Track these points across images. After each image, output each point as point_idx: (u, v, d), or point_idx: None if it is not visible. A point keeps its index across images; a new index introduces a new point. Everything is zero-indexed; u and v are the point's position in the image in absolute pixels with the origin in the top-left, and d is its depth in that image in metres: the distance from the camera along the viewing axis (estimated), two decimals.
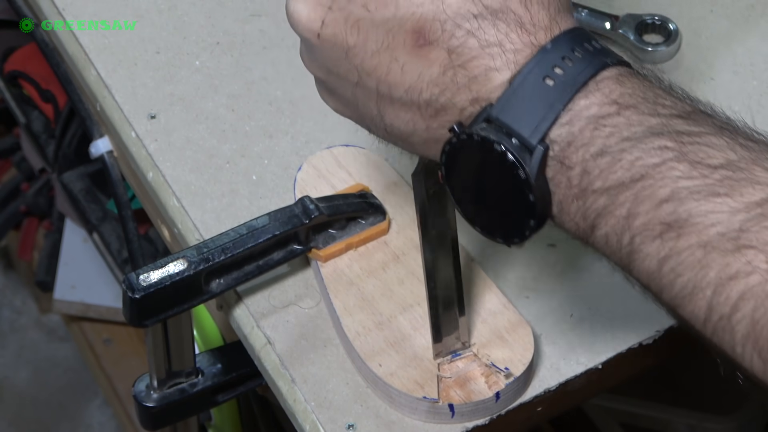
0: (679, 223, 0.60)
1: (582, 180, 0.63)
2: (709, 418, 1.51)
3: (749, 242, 0.58)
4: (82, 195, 1.62)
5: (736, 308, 0.58)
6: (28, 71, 1.65)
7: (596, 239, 0.64)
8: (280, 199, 0.92)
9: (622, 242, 0.62)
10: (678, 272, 0.60)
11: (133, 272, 0.79)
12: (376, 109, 0.69)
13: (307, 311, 0.86)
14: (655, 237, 0.61)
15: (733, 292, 0.58)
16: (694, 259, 0.60)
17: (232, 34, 1.03)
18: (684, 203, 0.60)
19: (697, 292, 0.60)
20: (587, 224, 0.64)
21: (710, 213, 0.59)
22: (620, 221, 0.62)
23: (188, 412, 0.91)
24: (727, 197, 0.59)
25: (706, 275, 0.59)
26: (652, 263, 0.62)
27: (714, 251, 0.59)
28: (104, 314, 1.86)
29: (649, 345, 0.86)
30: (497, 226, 0.68)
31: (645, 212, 0.61)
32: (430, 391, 0.80)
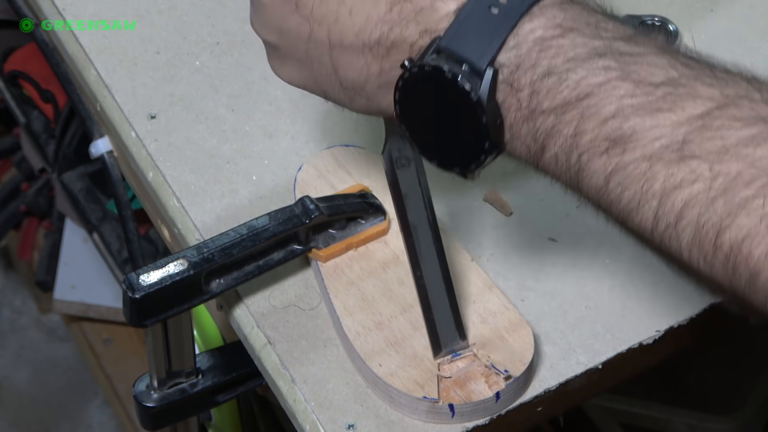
0: (623, 139, 0.62)
1: (531, 101, 0.65)
2: (709, 418, 1.51)
3: (692, 152, 0.60)
4: (82, 195, 1.62)
5: (681, 216, 0.61)
6: (28, 71, 1.65)
7: (546, 161, 0.67)
8: (280, 199, 0.92)
9: (571, 161, 0.65)
10: (624, 186, 0.63)
11: (133, 272, 0.79)
12: (329, 63, 0.71)
13: (307, 311, 0.86)
14: (601, 153, 0.63)
15: (678, 200, 0.61)
16: (639, 172, 0.62)
17: (232, 34, 1.04)
18: (628, 119, 0.62)
19: (643, 203, 0.62)
20: (537, 146, 0.66)
21: (654, 128, 0.61)
22: (568, 140, 0.64)
23: (188, 412, 0.91)
24: (670, 112, 0.61)
25: (651, 187, 0.62)
26: (599, 179, 0.64)
27: (658, 163, 0.61)
28: (104, 314, 1.86)
29: (649, 345, 0.86)
30: (455, 157, 0.70)
31: (591, 129, 0.63)
32: (430, 391, 0.80)
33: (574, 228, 0.92)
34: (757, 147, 0.59)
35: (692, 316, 0.87)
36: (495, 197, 0.93)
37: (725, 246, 0.60)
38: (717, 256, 0.61)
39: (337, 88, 0.73)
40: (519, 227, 0.92)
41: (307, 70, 0.74)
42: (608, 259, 0.90)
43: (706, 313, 0.88)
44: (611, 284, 0.89)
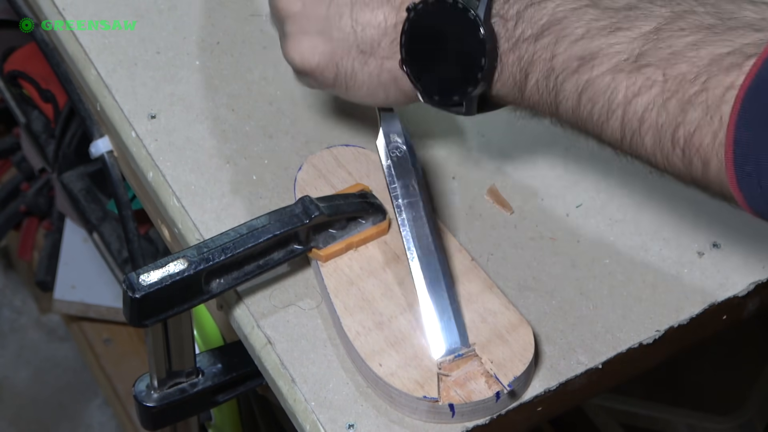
0: (591, 56, 0.71)
1: (515, 30, 0.75)
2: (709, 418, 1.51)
3: (647, 62, 0.69)
4: (82, 195, 1.62)
5: (642, 120, 0.69)
6: (28, 71, 1.65)
7: (529, 91, 0.75)
8: (280, 199, 0.92)
9: (549, 85, 0.74)
10: (594, 100, 0.71)
11: (133, 272, 0.79)
12: (349, 24, 0.81)
13: (307, 311, 0.86)
14: (573, 72, 0.72)
15: (639, 106, 0.69)
16: (605, 84, 0.70)
17: (232, 34, 1.04)
18: (594, 39, 0.71)
19: (610, 114, 0.71)
20: (522, 75, 0.75)
21: (615, 44, 0.70)
22: (546, 64, 0.73)
23: (188, 412, 0.91)
24: (628, 30, 0.70)
25: (615, 97, 0.70)
26: (573, 98, 0.72)
27: (620, 74, 0.70)
28: (104, 314, 1.86)
29: (649, 345, 0.86)
30: (453, 84, 0.79)
31: (564, 50, 0.72)
32: (431, 391, 0.80)
33: (574, 228, 0.92)
34: (699, 49, 0.67)
35: (692, 316, 0.87)
36: (495, 196, 0.93)
37: (681, 141, 0.67)
38: (675, 152, 0.68)
39: (353, 54, 0.82)
40: (519, 227, 0.92)
41: (324, 41, 0.82)
42: (608, 259, 0.90)
43: (706, 313, 0.88)
44: (611, 284, 0.89)
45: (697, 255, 0.91)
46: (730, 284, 0.89)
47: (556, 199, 0.94)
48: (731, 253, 0.91)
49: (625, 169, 0.96)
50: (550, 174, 0.95)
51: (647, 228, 0.92)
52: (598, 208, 0.93)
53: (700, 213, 0.93)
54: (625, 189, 0.94)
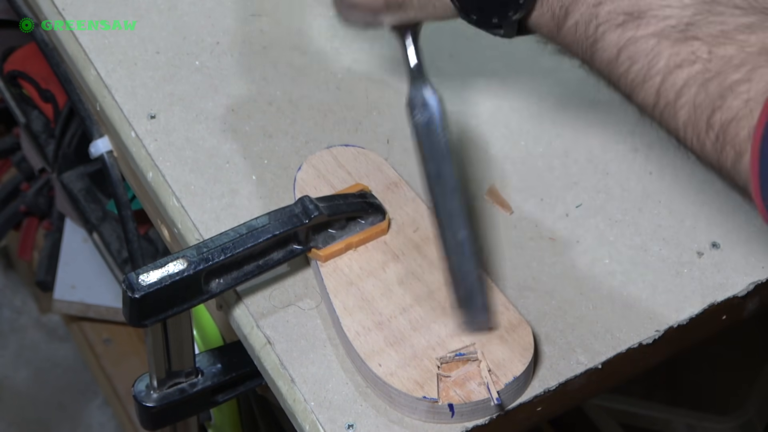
0: (638, 14, 0.68)
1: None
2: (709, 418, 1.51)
3: (695, 34, 0.66)
4: (82, 195, 1.62)
5: (680, 94, 0.66)
6: (28, 71, 1.65)
7: (566, 30, 0.72)
8: (280, 199, 0.92)
9: (588, 31, 0.71)
10: (633, 60, 0.68)
11: (133, 272, 0.79)
12: None
13: (307, 311, 0.86)
14: (617, 26, 0.69)
15: (678, 79, 0.66)
16: (648, 47, 0.68)
17: (232, 34, 1.04)
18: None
19: (647, 79, 0.68)
20: (561, 12, 0.72)
21: (665, 6, 0.67)
22: (590, 9, 0.70)
23: (188, 412, 0.91)
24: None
25: (656, 63, 0.67)
26: (612, 52, 0.69)
27: (665, 40, 0.67)
28: (104, 314, 1.86)
29: (649, 345, 0.86)
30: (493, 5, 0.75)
31: (612, 0, 0.69)
32: (430, 391, 0.80)
33: (574, 228, 0.92)
34: (751, 34, 0.64)
35: (692, 316, 0.87)
36: (495, 196, 0.93)
37: (716, 126, 0.65)
38: (708, 135, 0.65)
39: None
40: (519, 227, 0.92)
41: None
42: (608, 259, 0.90)
43: (706, 313, 0.88)
44: (611, 284, 0.89)
45: (697, 255, 0.91)
46: (730, 284, 0.89)
47: (556, 199, 0.94)
48: (731, 253, 0.91)
49: (625, 169, 0.96)
50: (549, 174, 0.95)
51: (647, 228, 0.92)
52: (598, 208, 0.93)
53: (700, 213, 0.93)
54: (624, 189, 0.94)
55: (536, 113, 0.99)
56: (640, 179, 0.95)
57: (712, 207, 0.93)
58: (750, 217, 0.93)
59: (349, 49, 1.03)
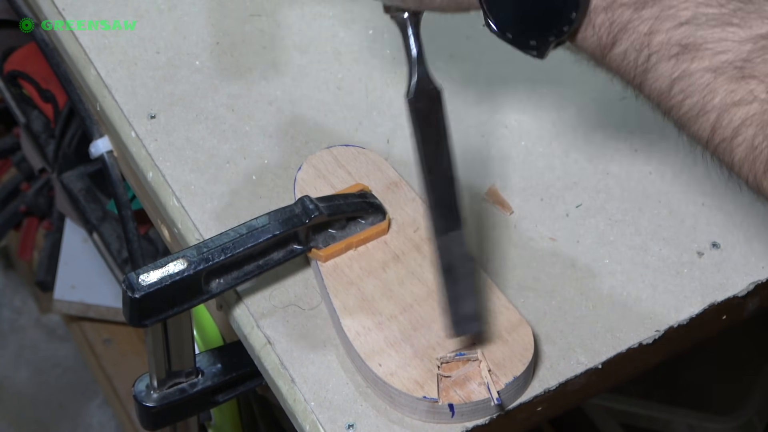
0: (694, 46, 0.66)
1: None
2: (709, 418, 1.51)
3: (752, 73, 0.64)
4: (82, 195, 1.62)
5: (737, 133, 0.65)
6: (28, 71, 1.65)
7: (614, 56, 0.69)
8: (280, 199, 0.92)
9: (639, 60, 0.68)
10: (687, 93, 0.66)
11: (133, 272, 0.79)
12: None
13: (307, 311, 0.86)
14: (670, 57, 0.67)
15: (736, 117, 0.65)
16: (703, 83, 0.66)
17: (232, 34, 1.04)
18: (701, 28, 0.66)
19: (702, 114, 0.66)
20: (609, 38, 0.69)
21: (722, 40, 0.65)
22: (641, 37, 0.67)
23: (188, 412, 0.91)
24: (738, 27, 0.65)
25: (712, 99, 0.65)
26: (664, 83, 0.67)
27: (721, 77, 0.65)
28: (104, 314, 1.86)
29: (649, 345, 0.86)
30: (532, 28, 0.72)
31: (665, 30, 0.67)
32: (430, 391, 0.80)
33: (574, 228, 0.92)
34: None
35: (692, 316, 0.87)
36: (495, 196, 0.93)
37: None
38: (766, 176, 0.64)
39: None
40: (519, 227, 0.92)
41: None
42: (608, 259, 0.90)
43: (706, 313, 0.88)
44: (611, 284, 0.89)
45: (697, 255, 0.91)
46: (730, 284, 0.89)
47: (556, 199, 0.94)
48: (731, 253, 0.91)
49: (624, 169, 0.96)
50: (550, 174, 0.95)
51: (647, 228, 0.92)
52: (598, 208, 0.93)
53: (700, 213, 0.93)
54: (624, 189, 0.94)
55: (536, 113, 0.99)
56: (640, 179, 0.95)
57: (712, 207, 0.93)
58: (750, 217, 0.93)
59: (349, 49, 1.03)
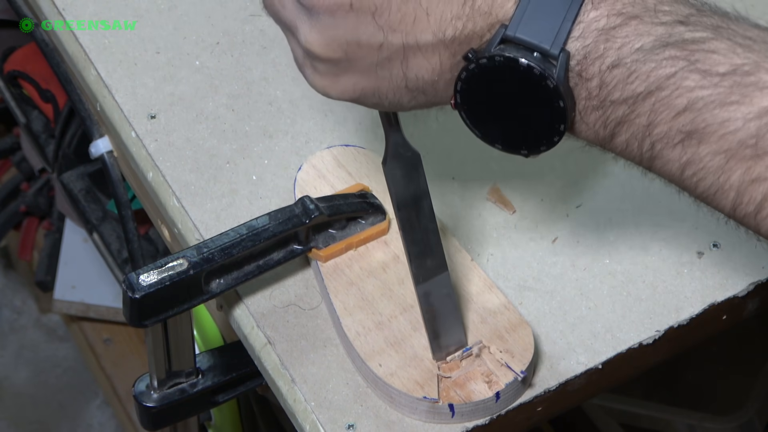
0: (698, 132, 0.64)
1: (600, 91, 0.66)
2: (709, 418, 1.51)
3: (765, 149, 0.62)
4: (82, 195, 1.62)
5: (760, 208, 0.64)
6: (28, 71, 1.65)
7: (616, 146, 0.68)
8: (280, 199, 0.92)
9: (643, 148, 0.67)
10: (700, 177, 0.65)
11: (133, 272, 0.79)
12: (400, 68, 0.71)
13: (307, 311, 0.86)
14: (675, 144, 0.65)
15: (756, 194, 0.63)
16: (716, 165, 0.64)
17: (232, 34, 1.03)
18: (701, 113, 0.64)
19: (720, 193, 0.65)
20: (607, 133, 0.68)
21: (726, 121, 0.63)
22: (640, 129, 0.66)
23: (188, 412, 0.91)
24: (740, 105, 0.63)
25: (728, 179, 0.64)
26: (674, 167, 0.66)
27: (734, 158, 0.63)
28: (104, 314, 1.86)
29: (649, 345, 0.86)
30: (521, 140, 0.71)
31: (664, 121, 0.65)
32: (430, 391, 0.80)
33: (574, 228, 0.92)
34: None
35: (692, 316, 0.87)
36: (498, 195, 0.93)
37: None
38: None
39: (401, 91, 0.72)
40: (519, 227, 0.92)
41: (368, 80, 0.72)
42: (608, 259, 0.90)
43: (706, 313, 0.88)
44: (611, 284, 0.89)
45: (697, 255, 0.91)
46: (730, 284, 0.89)
47: (556, 199, 0.94)
48: (731, 253, 0.91)
49: (624, 169, 0.96)
50: (550, 174, 0.95)
51: (647, 228, 0.92)
52: (598, 208, 0.93)
53: (700, 213, 0.93)
54: (625, 189, 0.94)
55: None
56: (640, 179, 0.95)
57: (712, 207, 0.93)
58: None
59: None
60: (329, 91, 0.74)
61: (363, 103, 0.74)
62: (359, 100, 0.74)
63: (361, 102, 0.74)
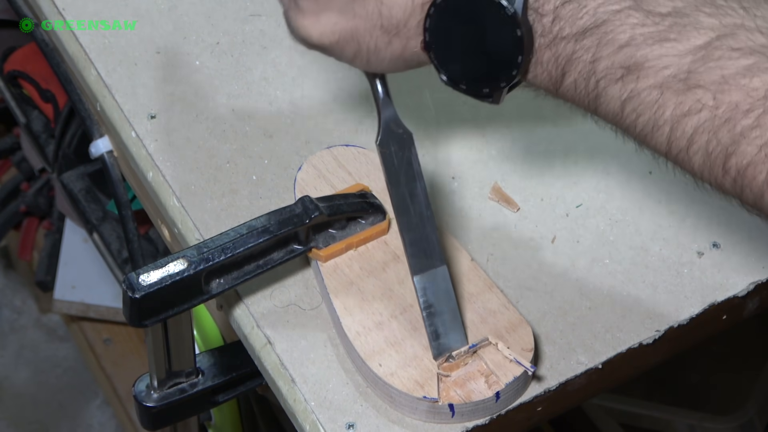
0: (636, 67, 0.68)
1: (553, 27, 0.71)
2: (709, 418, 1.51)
3: (696, 82, 0.66)
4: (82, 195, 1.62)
5: (691, 141, 0.67)
6: (28, 71, 1.65)
7: (566, 88, 0.72)
8: (280, 199, 0.92)
9: (589, 87, 0.70)
10: (638, 112, 0.69)
11: (133, 272, 0.79)
12: (375, 3, 0.75)
13: (307, 311, 0.86)
14: (617, 80, 0.69)
15: (688, 127, 0.67)
16: (652, 99, 0.68)
17: (232, 34, 1.04)
18: (640, 48, 0.68)
19: (656, 129, 0.68)
20: (558, 72, 0.72)
21: (663, 56, 0.67)
22: (586, 66, 0.70)
23: (188, 412, 0.91)
24: (676, 42, 0.67)
25: (662, 114, 0.68)
26: (616, 105, 0.70)
27: (668, 91, 0.67)
28: (104, 314, 1.86)
29: (649, 345, 0.86)
30: (483, 76, 0.75)
31: (607, 56, 0.69)
32: (430, 391, 0.80)
33: (574, 228, 0.92)
34: (753, 77, 0.64)
35: (692, 316, 0.87)
36: (500, 194, 0.93)
37: (732, 170, 0.65)
38: (726, 178, 0.66)
39: (376, 33, 0.77)
40: (519, 227, 0.92)
41: (346, 18, 0.77)
42: (608, 259, 0.90)
43: (706, 313, 0.88)
44: (611, 284, 0.89)
45: (697, 255, 0.91)
46: (730, 284, 0.89)
47: (556, 199, 0.94)
48: (731, 253, 0.91)
49: (625, 169, 0.96)
50: (549, 174, 0.95)
51: (647, 228, 0.92)
52: (598, 208, 0.93)
53: (700, 213, 0.93)
54: (625, 189, 0.94)
55: (537, 113, 0.99)
56: (640, 179, 0.95)
57: (712, 207, 0.93)
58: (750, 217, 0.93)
59: None
60: (311, 31, 0.78)
61: (342, 52, 0.78)
62: (339, 44, 0.78)
63: (341, 49, 0.78)
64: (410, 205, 0.81)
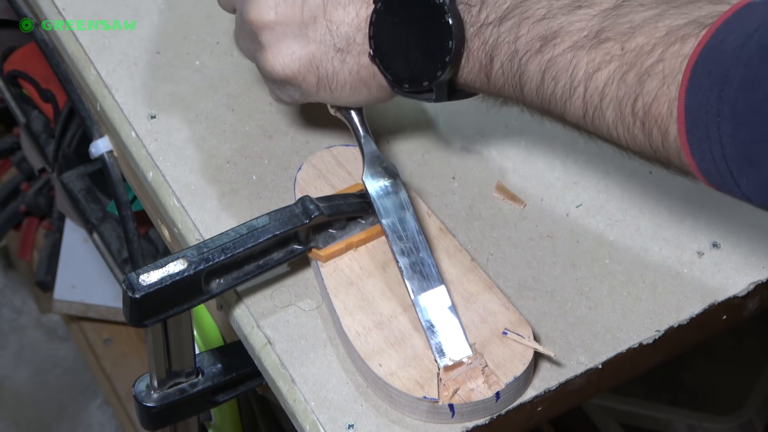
0: (552, 35, 0.72)
1: (480, 15, 0.76)
2: (709, 418, 1.51)
3: (606, 37, 0.70)
4: (82, 195, 1.62)
5: (603, 95, 0.70)
6: (28, 71, 1.65)
7: (495, 76, 0.76)
8: (280, 199, 0.92)
9: (513, 68, 0.74)
10: (557, 78, 0.72)
11: (133, 272, 0.79)
12: (323, 21, 0.82)
13: (307, 311, 0.86)
14: (536, 52, 0.73)
15: (599, 81, 0.70)
16: (566, 62, 0.71)
17: (232, 34, 1.03)
18: (556, 18, 0.72)
19: (573, 92, 0.71)
20: (487, 59, 0.76)
21: (576, 22, 0.71)
22: (509, 47, 0.74)
23: (188, 412, 0.91)
24: (588, 8, 0.71)
25: (577, 74, 0.71)
26: (537, 78, 0.73)
27: (580, 50, 0.71)
28: (104, 314, 1.86)
29: (649, 345, 0.86)
30: (421, 69, 0.79)
31: (527, 32, 0.73)
32: (430, 391, 0.80)
33: (574, 227, 0.92)
34: (657, 23, 0.68)
35: (692, 316, 0.87)
36: (505, 191, 0.93)
37: (640, 112, 0.68)
38: (636, 124, 0.69)
39: (331, 53, 0.82)
40: (519, 227, 0.92)
41: (301, 45, 0.83)
42: (608, 259, 0.90)
43: (706, 313, 0.88)
44: (611, 284, 0.89)
45: (697, 255, 0.91)
46: (730, 284, 0.89)
47: (556, 199, 0.94)
48: (731, 253, 0.91)
49: (625, 169, 0.96)
50: (549, 174, 0.95)
51: (647, 228, 0.92)
52: (598, 208, 0.93)
53: (700, 213, 0.93)
54: (624, 189, 0.94)
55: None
56: (640, 179, 0.95)
57: (712, 207, 0.93)
58: (750, 217, 0.93)
59: None
60: (273, 63, 0.83)
61: (305, 81, 0.83)
62: (300, 72, 0.83)
63: (303, 77, 0.83)
64: (402, 232, 0.84)
